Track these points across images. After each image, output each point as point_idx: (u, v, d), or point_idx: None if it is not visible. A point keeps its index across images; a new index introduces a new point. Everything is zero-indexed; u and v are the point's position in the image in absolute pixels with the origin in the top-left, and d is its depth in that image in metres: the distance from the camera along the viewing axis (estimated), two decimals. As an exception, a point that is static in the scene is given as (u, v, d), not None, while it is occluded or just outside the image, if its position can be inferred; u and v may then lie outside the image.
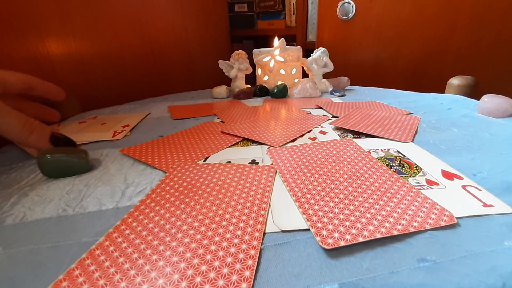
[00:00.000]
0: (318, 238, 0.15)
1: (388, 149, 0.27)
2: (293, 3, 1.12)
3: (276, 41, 0.53)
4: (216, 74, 0.61)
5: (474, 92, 0.49)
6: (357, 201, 0.19)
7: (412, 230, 0.16)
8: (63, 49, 0.47)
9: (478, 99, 0.39)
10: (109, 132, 0.35)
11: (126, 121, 0.39)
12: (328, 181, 0.21)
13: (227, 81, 0.57)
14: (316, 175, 0.22)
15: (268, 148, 0.28)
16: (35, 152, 0.29)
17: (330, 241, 0.15)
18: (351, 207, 0.18)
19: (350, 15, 0.93)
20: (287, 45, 0.53)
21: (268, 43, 0.63)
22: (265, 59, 0.53)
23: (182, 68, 0.46)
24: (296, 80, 0.56)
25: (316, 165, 0.24)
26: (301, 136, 0.31)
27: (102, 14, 0.53)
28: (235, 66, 0.53)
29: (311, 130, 0.33)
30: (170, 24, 0.77)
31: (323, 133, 0.32)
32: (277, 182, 0.22)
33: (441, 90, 0.52)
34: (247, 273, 0.13)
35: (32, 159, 0.28)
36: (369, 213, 0.17)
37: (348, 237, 0.15)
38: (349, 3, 0.93)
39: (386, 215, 0.17)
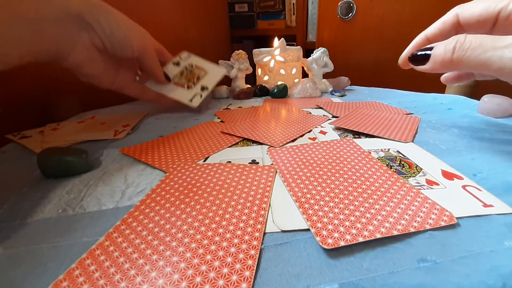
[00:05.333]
0: (318, 238, 0.15)
1: (388, 149, 0.27)
2: (293, 3, 1.12)
3: (276, 41, 0.53)
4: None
5: (474, 92, 0.49)
6: (357, 201, 0.19)
7: (412, 230, 0.16)
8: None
9: (478, 99, 0.39)
10: (110, 131, 0.35)
11: (126, 121, 0.39)
12: (328, 181, 0.21)
13: (227, 81, 0.57)
14: (316, 175, 0.22)
15: (268, 148, 0.28)
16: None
17: (330, 241, 0.15)
18: (351, 207, 0.18)
19: (350, 15, 0.93)
20: (287, 45, 0.53)
21: (268, 43, 0.62)
22: (265, 59, 0.53)
23: (182, 68, 0.47)
24: (296, 80, 0.56)
25: (316, 165, 0.24)
26: (301, 136, 0.31)
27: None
28: (235, 66, 0.53)
29: (311, 130, 0.33)
30: (170, 24, 0.77)
31: (323, 133, 0.32)
32: (277, 182, 0.22)
33: (441, 90, 0.52)
34: (247, 273, 0.13)
35: (32, 159, 0.28)
36: (369, 213, 0.17)
37: (348, 237, 0.15)
38: (349, 3, 0.93)
39: (386, 215, 0.17)
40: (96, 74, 0.33)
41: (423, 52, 0.23)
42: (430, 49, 0.23)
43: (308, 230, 0.16)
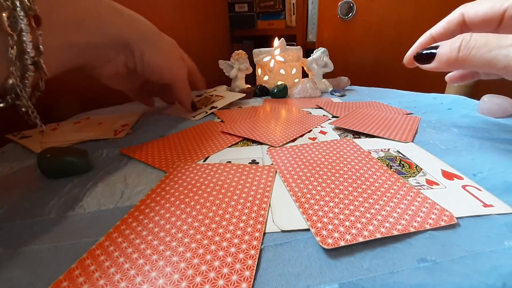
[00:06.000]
0: (318, 238, 0.15)
1: (388, 149, 0.27)
2: (293, 3, 1.12)
3: (276, 41, 0.53)
4: (216, 74, 0.61)
5: (474, 92, 0.49)
6: (357, 201, 0.19)
7: (412, 230, 0.16)
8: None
9: (478, 99, 0.39)
10: (110, 131, 0.35)
11: (123, 120, 0.39)
12: (328, 181, 0.21)
13: (227, 81, 0.57)
14: (316, 175, 0.22)
15: (268, 148, 0.28)
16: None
17: (330, 241, 0.15)
18: (351, 207, 0.18)
19: (350, 15, 0.93)
20: (287, 45, 0.53)
21: (268, 43, 0.63)
22: (265, 59, 0.53)
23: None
24: (296, 80, 0.56)
25: (316, 165, 0.24)
26: (301, 136, 0.31)
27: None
28: (235, 66, 0.53)
29: (311, 130, 0.33)
30: (170, 24, 0.77)
31: (323, 133, 0.32)
32: (277, 182, 0.22)
33: (441, 90, 0.52)
34: (247, 273, 0.13)
35: (32, 159, 0.28)
36: (369, 213, 0.17)
37: (348, 237, 0.15)
38: (349, 3, 0.93)
39: (386, 215, 0.17)
40: (117, 83, 0.35)
41: (428, 51, 0.24)
42: (436, 47, 0.23)
43: (308, 230, 0.16)
